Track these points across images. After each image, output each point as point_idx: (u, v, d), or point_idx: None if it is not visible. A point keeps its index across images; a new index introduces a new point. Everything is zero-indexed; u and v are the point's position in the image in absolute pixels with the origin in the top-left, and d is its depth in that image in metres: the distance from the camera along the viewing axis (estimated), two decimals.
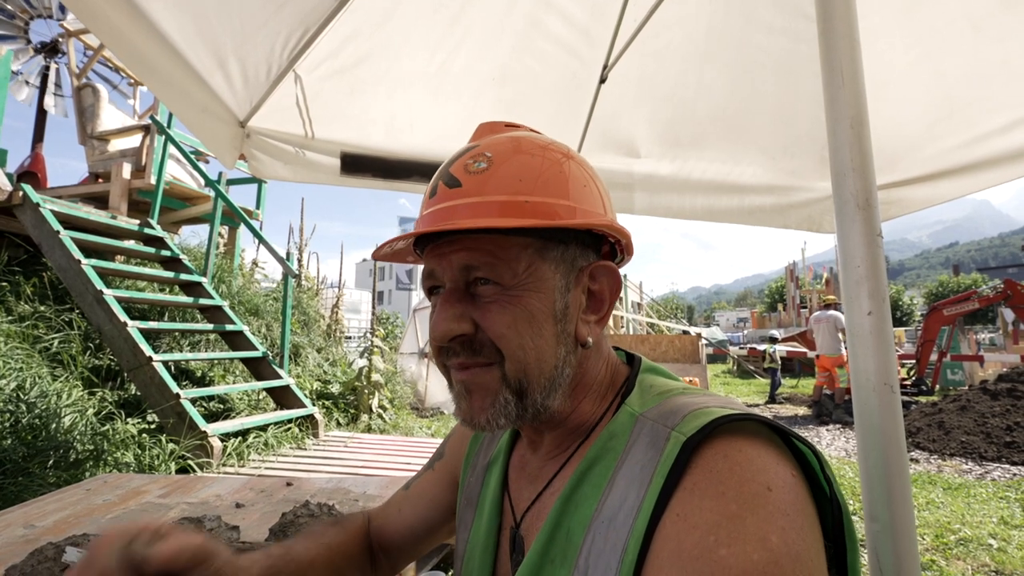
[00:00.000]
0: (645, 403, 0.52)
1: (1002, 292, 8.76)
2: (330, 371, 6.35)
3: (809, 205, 2.03)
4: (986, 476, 4.87)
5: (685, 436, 0.42)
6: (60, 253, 3.66)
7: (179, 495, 1.51)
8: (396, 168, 1.90)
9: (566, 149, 0.56)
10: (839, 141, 0.85)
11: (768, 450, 0.42)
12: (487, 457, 0.67)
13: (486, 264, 0.50)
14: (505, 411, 0.51)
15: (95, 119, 5.31)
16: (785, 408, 9.27)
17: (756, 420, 0.43)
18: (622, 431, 0.50)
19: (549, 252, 0.52)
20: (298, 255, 9.43)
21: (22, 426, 2.84)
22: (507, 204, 0.49)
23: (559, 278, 0.52)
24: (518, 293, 0.50)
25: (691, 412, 0.45)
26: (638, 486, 0.43)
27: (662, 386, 0.54)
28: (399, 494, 0.79)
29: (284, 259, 4.78)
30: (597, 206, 0.54)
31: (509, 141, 0.54)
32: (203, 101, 1.56)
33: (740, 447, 0.41)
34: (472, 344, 0.51)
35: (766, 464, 0.40)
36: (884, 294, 0.82)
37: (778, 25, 1.57)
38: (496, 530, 0.60)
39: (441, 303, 0.52)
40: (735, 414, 0.43)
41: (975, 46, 1.45)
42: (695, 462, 0.41)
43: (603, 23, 1.62)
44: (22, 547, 1.06)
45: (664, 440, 0.44)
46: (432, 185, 0.55)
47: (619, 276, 0.56)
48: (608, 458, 0.49)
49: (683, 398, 0.49)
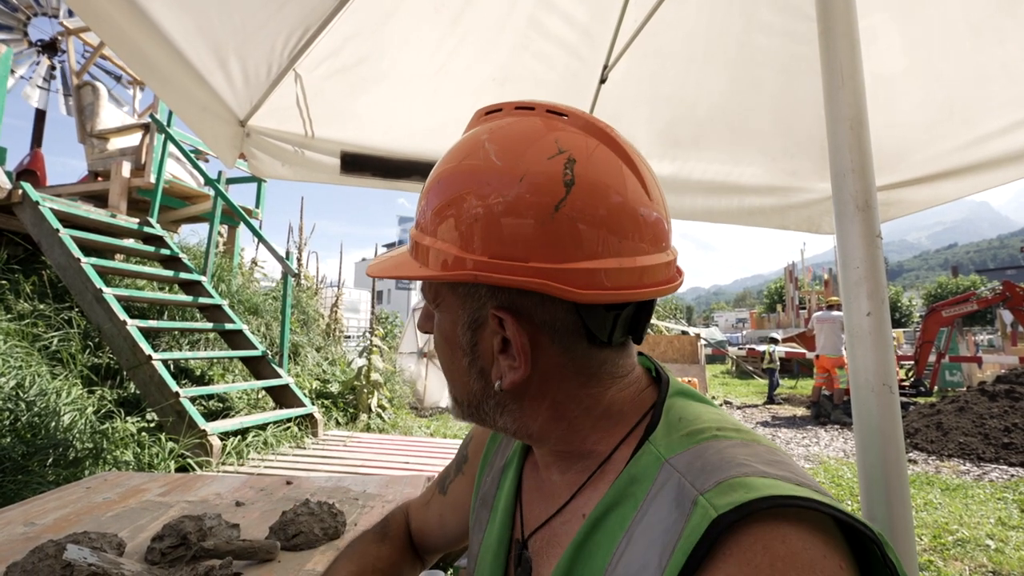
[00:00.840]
0: (672, 445, 0.46)
1: (1001, 294, 8.77)
2: (329, 370, 6.35)
3: (808, 206, 2.04)
4: (984, 477, 4.88)
5: (716, 512, 0.37)
6: (59, 251, 3.65)
7: (179, 493, 1.51)
8: (396, 167, 1.90)
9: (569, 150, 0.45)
10: (839, 142, 0.85)
11: (815, 539, 0.36)
12: (503, 458, 0.66)
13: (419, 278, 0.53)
14: (460, 416, 0.54)
15: (94, 117, 5.31)
16: (784, 409, 9.28)
17: (803, 505, 0.37)
18: (644, 477, 0.45)
19: (458, 286, 0.50)
20: (297, 254, 9.43)
21: (22, 424, 2.84)
22: (414, 244, 0.51)
23: (464, 313, 0.50)
24: (438, 315, 0.53)
25: (727, 480, 0.39)
26: (659, 554, 0.39)
27: (692, 421, 0.48)
28: (437, 498, 0.79)
29: (283, 258, 4.78)
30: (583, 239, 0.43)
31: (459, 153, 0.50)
32: (203, 100, 1.56)
33: (783, 536, 0.36)
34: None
35: (813, 559, 0.35)
36: (883, 295, 0.82)
37: (778, 26, 1.57)
38: (507, 540, 0.59)
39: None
40: (780, 496, 0.37)
41: (974, 48, 1.45)
42: (728, 546, 0.36)
43: (604, 23, 1.62)
44: (23, 544, 1.06)
45: (691, 503, 0.39)
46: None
47: (524, 331, 0.46)
48: (627, 505, 0.45)
49: (717, 447, 0.43)
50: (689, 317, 52.48)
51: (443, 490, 0.78)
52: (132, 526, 1.23)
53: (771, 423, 7.93)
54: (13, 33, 6.50)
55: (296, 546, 1.15)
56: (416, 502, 0.83)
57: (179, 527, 1.06)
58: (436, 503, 0.79)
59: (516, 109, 0.50)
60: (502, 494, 0.62)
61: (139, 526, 1.23)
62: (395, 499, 1.57)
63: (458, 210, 0.46)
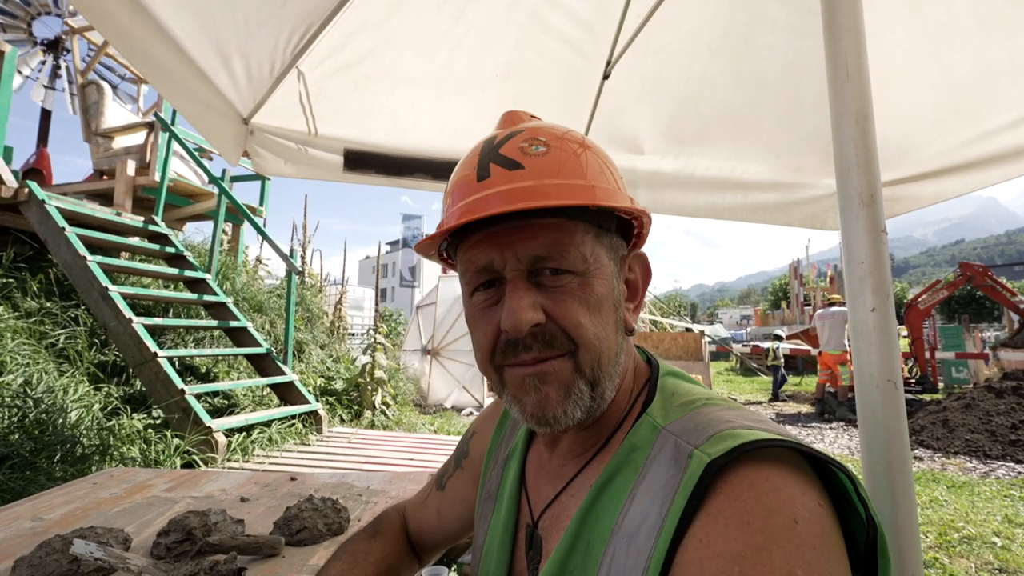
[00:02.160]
0: (668, 414, 0.50)
1: (963, 276, 8.82)
2: (333, 368, 6.37)
3: (813, 202, 2.03)
4: (990, 474, 4.86)
5: (709, 458, 0.41)
6: (65, 249, 3.68)
7: (184, 489, 1.52)
8: (399, 165, 1.90)
9: (582, 138, 0.55)
10: (843, 136, 0.84)
11: (795, 478, 0.40)
12: (506, 451, 0.67)
13: (556, 252, 0.49)
14: (580, 402, 0.49)
15: (99, 116, 5.33)
16: (788, 406, 9.25)
17: (783, 445, 0.41)
18: (643, 444, 0.49)
19: (603, 239, 0.52)
20: (301, 252, 9.46)
21: (29, 421, 2.86)
22: (577, 188, 0.48)
23: (612, 265, 0.53)
24: (587, 280, 0.50)
25: (717, 433, 0.43)
26: (660, 504, 0.43)
27: (685, 394, 0.52)
28: (435, 494, 0.79)
29: (287, 256, 4.79)
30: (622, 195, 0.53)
31: (551, 129, 0.54)
32: (207, 98, 1.56)
33: (767, 475, 0.40)
34: (544, 336, 0.49)
35: (792, 494, 0.39)
36: (888, 291, 0.82)
37: (783, 20, 1.56)
38: (513, 526, 0.59)
39: (511, 292, 0.49)
40: (762, 439, 0.41)
41: (982, 42, 1.44)
42: (719, 487, 0.40)
43: (607, 19, 1.61)
44: (30, 539, 1.07)
45: (687, 458, 0.43)
46: (480, 167, 0.51)
47: (649, 264, 0.58)
48: (628, 471, 0.48)
49: (708, 411, 0.48)
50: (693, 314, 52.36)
51: (441, 486, 0.79)
52: (138, 521, 1.24)
53: (775, 420, 7.92)
54: (17, 33, 6.53)
55: (300, 541, 1.15)
56: (412, 501, 0.83)
57: (184, 522, 1.07)
58: (434, 500, 0.79)
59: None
60: (507, 483, 0.63)
61: (145, 521, 1.24)
62: (398, 495, 1.57)
63: (595, 159, 0.53)
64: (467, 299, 0.55)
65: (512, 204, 0.46)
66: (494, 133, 0.55)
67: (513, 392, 0.51)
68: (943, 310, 28.84)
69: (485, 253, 0.50)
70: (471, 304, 0.54)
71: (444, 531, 0.77)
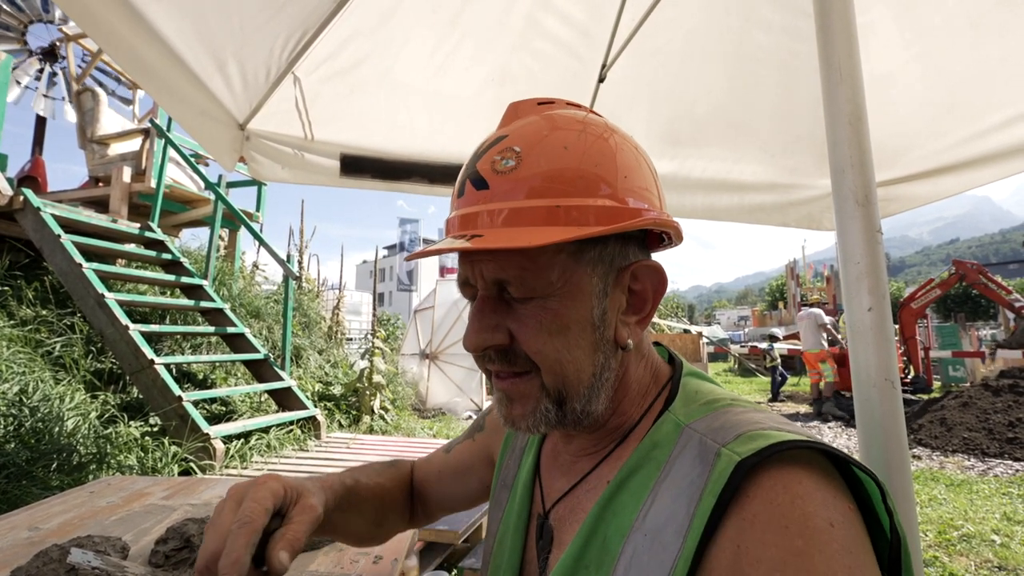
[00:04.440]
0: (691, 413, 0.49)
1: (956, 275, 8.91)
2: (331, 373, 6.35)
3: (809, 203, 2.03)
4: (989, 472, 4.87)
5: (739, 457, 0.40)
6: (61, 257, 3.66)
7: (182, 497, 1.51)
8: (396, 169, 1.90)
9: (607, 124, 0.51)
10: (838, 137, 0.85)
11: (826, 481, 0.40)
12: (524, 440, 0.67)
13: (516, 279, 0.47)
14: (546, 418, 0.49)
15: (95, 123, 5.32)
16: (787, 406, 9.27)
17: (813, 448, 0.41)
18: (666, 441, 0.48)
19: (585, 255, 0.48)
20: (298, 257, 9.44)
21: (25, 430, 2.84)
22: (536, 211, 0.45)
23: (596, 281, 0.49)
24: (552, 304, 0.47)
25: (746, 432, 0.43)
26: (686, 503, 0.42)
27: (708, 394, 0.52)
28: (440, 456, 0.80)
29: (284, 261, 4.78)
30: (647, 189, 0.50)
31: (541, 128, 0.49)
32: (202, 104, 1.56)
33: (799, 478, 0.39)
34: (507, 354, 0.49)
35: (825, 497, 0.38)
36: (884, 290, 0.82)
37: (777, 22, 1.57)
38: (526, 515, 0.60)
39: (473, 313, 0.50)
40: (792, 440, 0.40)
41: (974, 42, 1.45)
42: (751, 490, 0.39)
43: (601, 22, 1.62)
44: (27, 549, 1.06)
45: (713, 456, 0.42)
46: (459, 182, 0.51)
47: (663, 274, 0.53)
48: (649, 467, 0.47)
49: (733, 411, 0.47)
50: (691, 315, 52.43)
51: (447, 450, 0.80)
52: (136, 529, 1.23)
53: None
54: (11, 43, 6.52)
55: None
56: (421, 458, 0.84)
57: (183, 530, 1.06)
58: (437, 459, 0.80)
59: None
60: (522, 473, 0.63)
61: (143, 529, 1.23)
62: None
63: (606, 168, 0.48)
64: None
65: (460, 242, 0.45)
66: (492, 134, 0.53)
67: (495, 397, 0.54)
68: (939, 309, 28.95)
69: (463, 268, 0.51)
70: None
71: (439, 493, 0.77)
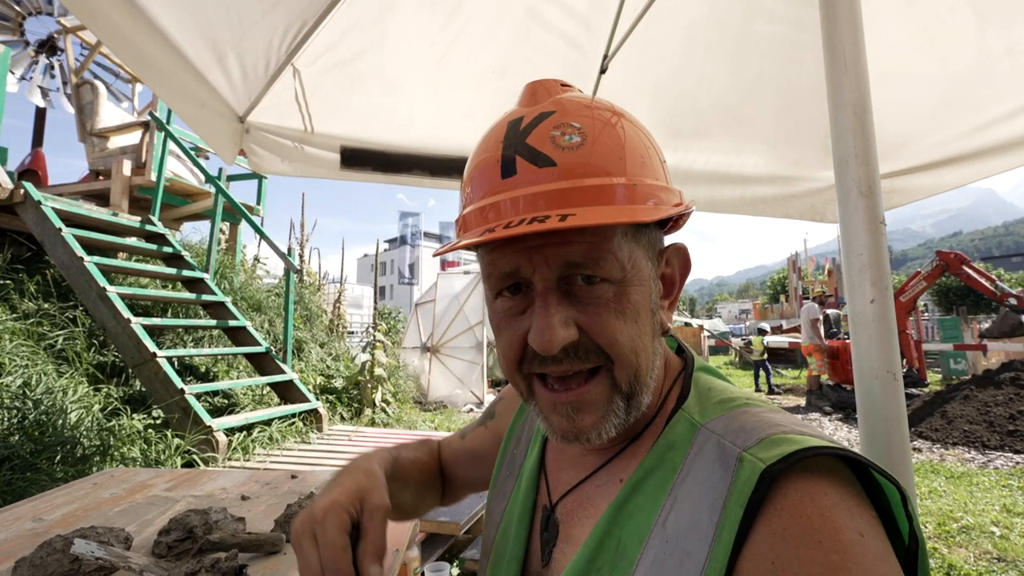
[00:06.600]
0: (705, 412, 0.48)
1: (939, 265, 8.97)
2: (333, 366, 6.37)
3: (812, 195, 2.02)
4: (989, 465, 4.88)
5: (764, 463, 0.39)
6: (62, 250, 3.66)
7: (185, 488, 1.52)
8: (396, 161, 1.90)
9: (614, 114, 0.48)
10: (842, 127, 0.84)
11: (850, 490, 0.39)
12: (531, 430, 0.66)
13: (592, 260, 0.44)
14: (616, 420, 0.47)
15: (94, 116, 5.31)
16: (787, 399, 9.28)
17: (837, 454, 0.40)
18: (681, 441, 0.46)
19: (641, 237, 0.47)
20: (299, 250, 9.44)
21: (29, 422, 2.86)
22: (620, 190, 0.43)
23: (649, 265, 0.48)
24: (625, 289, 0.45)
25: (768, 436, 0.41)
26: (709, 510, 0.40)
27: (722, 392, 0.50)
28: (455, 439, 0.81)
29: (285, 254, 4.78)
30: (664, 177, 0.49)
31: (589, 106, 0.47)
32: (202, 97, 1.55)
33: (824, 488, 0.38)
34: (577, 350, 0.45)
35: (851, 508, 0.38)
36: (887, 282, 0.82)
37: (780, 12, 1.55)
38: (531, 506, 0.59)
39: (541, 308, 0.45)
40: (817, 446, 0.39)
41: (979, 33, 1.43)
42: (778, 501, 0.38)
43: (603, 13, 1.60)
44: (31, 540, 1.07)
45: (735, 461, 0.41)
46: (502, 161, 0.46)
47: (689, 256, 0.52)
48: (665, 469, 0.46)
49: (751, 411, 0.45)
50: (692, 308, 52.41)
51: (462, 436, 0.81)
52: (139, 521, 1.24)
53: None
54: (9, 34, 6.48)
55: None
56: (444, 438, 0.85)
57: (185, 521, 1.07)
58: (454, 442, 0.81)
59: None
60: (528, 463, 0.63)
61: (146, 521, 1.24)
62: None
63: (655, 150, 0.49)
64: (490, 301, 0.50)
65: (544, 223, 0.40)
66: (519, 112, 0.48)
67: (542, 409, 0.49)
68: (941, 302, 28.86)
69: (510, 258, 0.45)
70: (494, 308, 0.49)
71: (461, 473, 0.78)
